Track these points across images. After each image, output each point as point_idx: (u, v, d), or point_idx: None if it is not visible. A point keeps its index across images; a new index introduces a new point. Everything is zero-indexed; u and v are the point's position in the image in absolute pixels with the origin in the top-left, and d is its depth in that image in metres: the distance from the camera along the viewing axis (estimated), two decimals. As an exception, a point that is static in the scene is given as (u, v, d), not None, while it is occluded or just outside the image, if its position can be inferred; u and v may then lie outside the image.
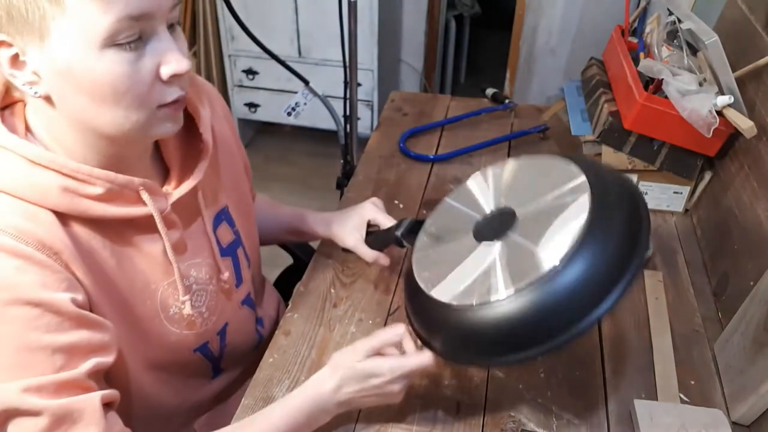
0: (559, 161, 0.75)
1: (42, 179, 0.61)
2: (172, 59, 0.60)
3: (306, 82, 1.61)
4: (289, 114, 1.70)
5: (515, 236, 0.70)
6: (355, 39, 1.55)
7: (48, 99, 0.60)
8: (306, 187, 2.61)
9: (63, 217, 0.63)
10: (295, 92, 1.69)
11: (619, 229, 0.65)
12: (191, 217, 0.77)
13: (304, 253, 1.21)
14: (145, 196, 0.68)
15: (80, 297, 0.62)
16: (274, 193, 2.51)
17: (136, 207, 0.67)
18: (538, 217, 0.70)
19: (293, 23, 2.45)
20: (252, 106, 2.71)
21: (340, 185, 1.70)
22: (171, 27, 0.62)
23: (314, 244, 1.13)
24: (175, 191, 0.72)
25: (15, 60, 0.58)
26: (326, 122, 2.39)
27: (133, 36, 0.57)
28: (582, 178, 0.70)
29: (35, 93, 0.59)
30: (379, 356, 0.73)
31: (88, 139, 0.64)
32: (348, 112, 1.65)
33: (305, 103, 1.69)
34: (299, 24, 2.45)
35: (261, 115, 2.73)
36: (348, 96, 1.63)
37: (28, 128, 0.65)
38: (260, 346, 0.93)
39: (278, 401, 0.73)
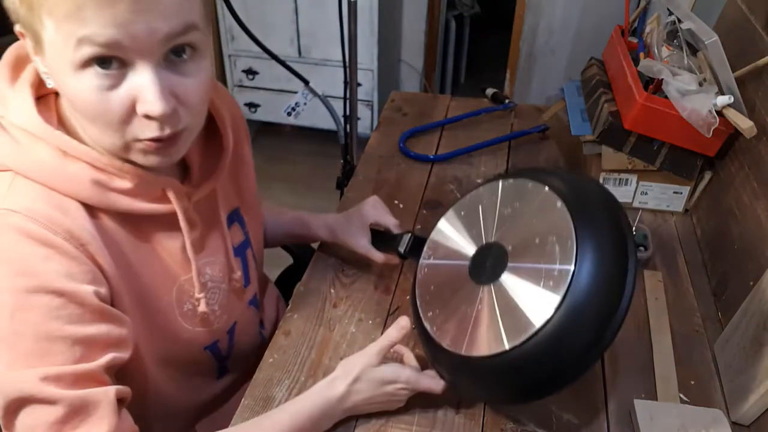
0: (520, 181, 0.77)
1: (74, 171, 0.61)
2: (147, 99, 0.56)
3: (306, 82, 1.61)
4: (289, 114, 1.70)
5: (515, 265, 0.70)
6: (355, 39, 1.55)
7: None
8: (306, 187, 2.61)
9: (91, 209, 0.63)
10: (295, 92, 1.68)
11: (603, 218, 0.66)
12: (209, 216, 0.78)
13: (304, 253, 1.21)
14: (170, 193, 0.69)
15: (103, 290, 0.63)
16: (274, 193, 2.51)
17: (160, 204, 0.68)
18: (524, 240, 0.71)
19: (293, 23, 2.45)
20: (252, 106, 2.71)
21: (340, 185, 1.70)
22: (177, 53, 0.57)
23: (314, 244, 1.13)
24: (198, 190, 0.73)
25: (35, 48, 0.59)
26: (326, 122, 2.39)
27: (108, 63, 0.54)
28: (546, 190, 0.71)
29: (50, 84, 0.60)
30: (396, 363, 0.75)
31: None
32: (348, 112, 1.65)
33: (305, 103, 1.69)
34: (299, 24, 2.45)
35: (261, 115, 2.73)
36: (348, 96, 1.63)
37: (60, 118, 0.65)
38: (262, 347, 0.94)
39: (285, 405, 0.73)
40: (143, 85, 0.56)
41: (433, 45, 2.81)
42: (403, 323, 0.76)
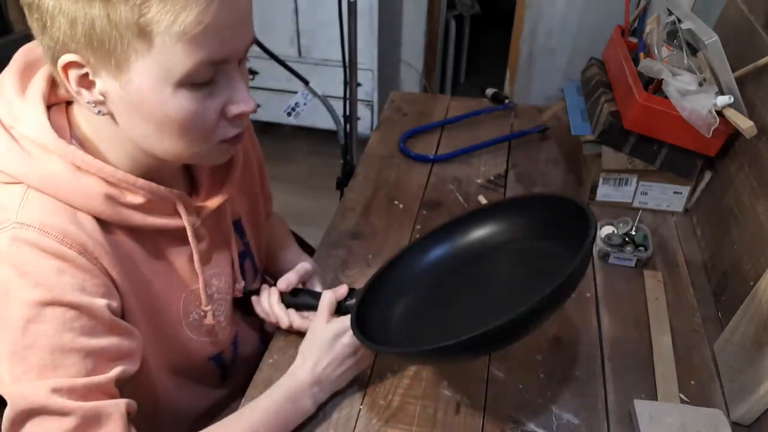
0: None
1: (86, 185, 0.61)
2: (241, 100, 0.61)
3: (306, 82, 1.60)
4: (289, 114, 1.70)
5: None
6: (355, 39, 1.55)
7: (111, 116, 0.61)
8: (306, 187, 2.61)
9: (104, 223, 0.63)
10: (295, 92, 1.68)
11: None
12: (217, 228, 0.79)
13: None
14: (180, 208, 0.69)
15: (115, 303, 0.63)
16: (275, 193, 2.49)
17: (171, 219, 0.69)
18: None
19: (293, 23, 2.45)
20: (252, 106, 2.71)
21: (340, 185, 1.70)
22: (240, 62, 0.62)
23: (314, 244, 1.13)
24: (208, 204, 0.73)
25: (84, 79, 0.58)
26: (326, 122, 2.38)
27: (208, 77, 0.58)
28: None
29: (99, 112, 0.60)
30: (338, 318, 0.79)
31: (133, 152, 0.64)
32: (348, 112, 1.65)
33: (305, 103, 1.69)
34: (299, 24, 2.45)
35: (261, 115, 2.73)
36: (348, 96, 1.63)
37: (73, 129, 0.65)
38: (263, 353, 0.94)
39: (264, 393, 0.75)
40: (236, 88, 0.61)
41: (433, 45, 2.81)
42: (341, 286, 0.83)
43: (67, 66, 0.57)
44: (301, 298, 0.87)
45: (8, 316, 0.58)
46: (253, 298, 0.87)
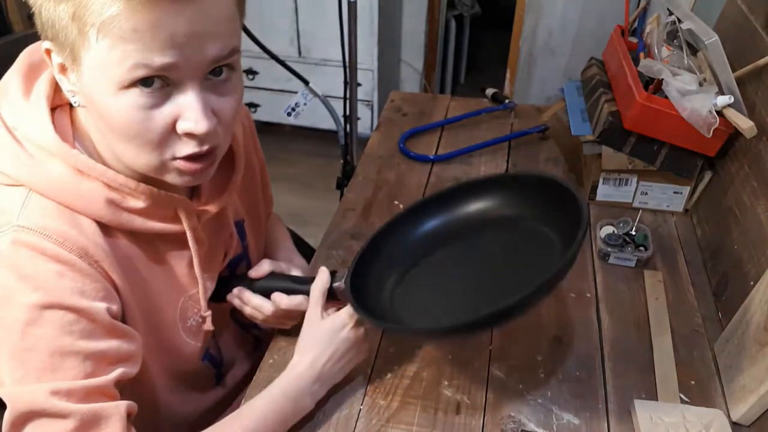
0: None
1: (88, 189, 0.61)
2: (191, 117, 0.57)
3: (306, 82, 1.61)
4: (289, 114, 1.70)
5: None
6: (355, 39, 1.55)
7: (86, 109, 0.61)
8: (306, 187, 2.61)
9: (104, 227, 0.63)
10: (295, 92, 1.69)
11: None
12: (217, 232, 0.78)
13: (303, 253, 1.21)
14: (181, 213, 0.69)
15: (115, 307, 0.63)
16: (275, 193, 2.49)
17: (171, 223, 0.69)
18: None
19: (293, 23, 2.46)
20: (252, 106, 2.71)
21: (340, 185, 1.71)
22: (216, 72, 0.58)
23: (314, 244, 1.13)
24: (208, 208, 0.73)
25: (62, 67, 0.58)
26: (326, 122, 2.39)
27: (152, 82, 0.55)
28: None
29: (75, 102, 0.60)
30: (333, 312, 0.78)
31: None
32: (348, 112, 1.65)
33: (305, 103, 1.69)
34: (299, 24, 2.46)
35: (261, 115, 2.73)
36: (348, 96, 1.63)
37: (76, 131, 0.64)
38: (260, 348, 0.94)
39: (262, 392, 0.74)
40: (188, 104, 0.56)
41: (433, 45, 2.81)
42: (322, 271, 0.79)
43: (48, 52, 0.58)
44: (278, 282, 0.82)
45: (8, 319, 0.58)
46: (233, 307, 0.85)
